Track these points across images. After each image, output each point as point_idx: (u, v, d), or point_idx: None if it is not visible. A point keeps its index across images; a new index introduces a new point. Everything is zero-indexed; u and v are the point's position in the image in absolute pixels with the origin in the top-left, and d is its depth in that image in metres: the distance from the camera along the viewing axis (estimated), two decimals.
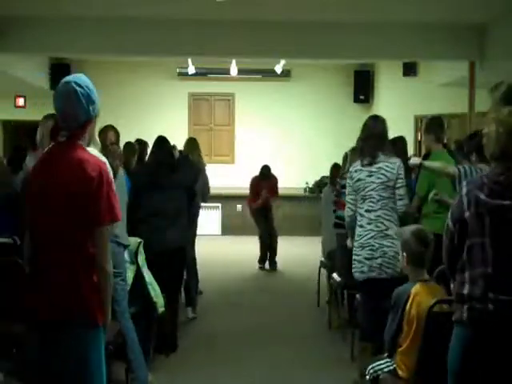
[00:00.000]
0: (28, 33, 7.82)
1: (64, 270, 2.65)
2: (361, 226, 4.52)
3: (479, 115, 8.27)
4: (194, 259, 6.67)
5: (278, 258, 9.31)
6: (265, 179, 9.49)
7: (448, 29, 7.93)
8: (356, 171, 4.58)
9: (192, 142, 7.28)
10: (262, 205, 9.35)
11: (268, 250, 9.30)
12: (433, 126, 5.46)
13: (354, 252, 4.55)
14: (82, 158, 2.66)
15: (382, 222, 4.43)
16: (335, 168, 7.36)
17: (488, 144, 2.70)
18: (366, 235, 4.45)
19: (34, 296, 2.70)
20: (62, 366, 2.68)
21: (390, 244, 4.40)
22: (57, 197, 2.65)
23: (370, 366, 3.54)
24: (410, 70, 11.17)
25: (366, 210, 4.49)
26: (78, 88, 2.67)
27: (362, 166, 4.54)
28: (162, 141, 5.61)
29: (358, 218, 4.55)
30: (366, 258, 4.44)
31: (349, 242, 4.89)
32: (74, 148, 2.69)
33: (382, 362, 3.52)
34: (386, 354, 3.55)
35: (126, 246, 4.51)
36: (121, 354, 4.29)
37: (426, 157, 5.47)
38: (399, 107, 11.67)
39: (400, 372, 3.38)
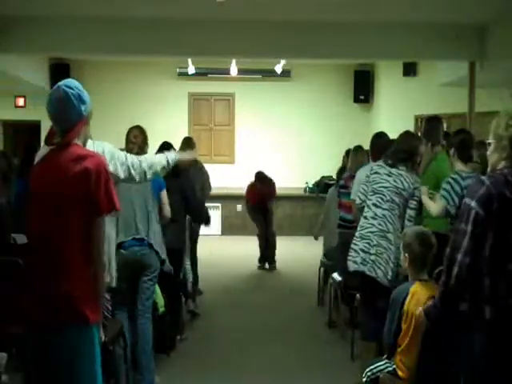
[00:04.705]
0: (28, 33, 7.79)
1: (57, 271, 2.68)
2: (365, 218, 4.53)
3: (479, 115, 8.27)
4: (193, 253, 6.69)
5: (278, 258, 9.30)
6: (262, 184, 9.41)
7: (448, 29, 7.92)
8: (377, 165, 4.62)
9: (186, 141, 7.08)
10: (258, 202, 9.26)
11: (266, 249, 9.27)
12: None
13: (353, 241, 4.58)
14: (80, 154, 2.74)
15: (385, 223, 4.43)
16: (341, 171, 7.34)
17: (501, 151, 2.64)
18: (367, 228, 4.47)
19: (28, 297, 2.74)
20: (56, 365, 2.71)
21: (386, 247, 4.39)
22: (58, 195, 2.69)
23: (368, 369, 3.54)
24: (409, 69, 11.19)
25: (374, 204, 4.50)
26: (68, 90, 2.76)
27: (385, 164, 4.56)
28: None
29: (365, 209, 4.57)
30: (362, 250, 4.46)
31: None
32: (69, 147, 2.76)
33: (381, 363, 3.52)
34: (385, 356, 3.55)
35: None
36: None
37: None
38: (399, 107, 11.68)
39: (400, 372, 3.37)
